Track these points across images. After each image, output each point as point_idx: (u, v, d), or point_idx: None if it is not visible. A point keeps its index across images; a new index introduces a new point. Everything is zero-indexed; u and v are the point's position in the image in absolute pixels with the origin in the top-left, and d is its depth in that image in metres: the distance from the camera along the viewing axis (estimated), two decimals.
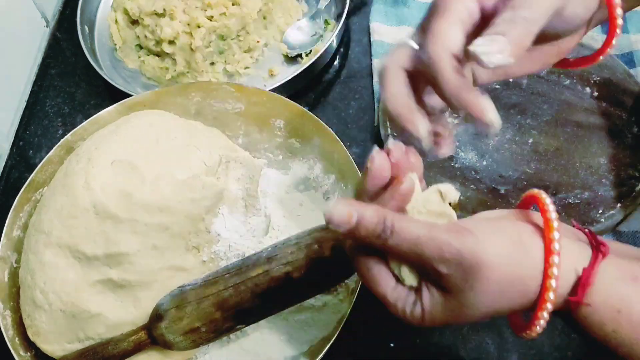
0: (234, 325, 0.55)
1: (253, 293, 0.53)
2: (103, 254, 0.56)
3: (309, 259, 0.53)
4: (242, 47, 0.81)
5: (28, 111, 0.83)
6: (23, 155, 0.79)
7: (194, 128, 0.67)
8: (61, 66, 0.87)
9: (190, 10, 0.77)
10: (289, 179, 0.69)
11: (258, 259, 0.54)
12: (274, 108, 0.69)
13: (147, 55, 0.82)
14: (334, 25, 0.84)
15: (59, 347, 0.58)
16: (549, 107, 0.74)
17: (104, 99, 0.82)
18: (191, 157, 0.63)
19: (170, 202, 0.58)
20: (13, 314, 0.59)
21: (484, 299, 0.37)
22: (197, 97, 0.70)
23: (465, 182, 0.68)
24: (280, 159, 0.71)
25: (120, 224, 0.57)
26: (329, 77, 0.83)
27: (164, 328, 0.54)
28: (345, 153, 0.65)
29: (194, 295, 0.54)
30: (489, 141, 0.72)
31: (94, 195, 0.57)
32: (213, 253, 0.60)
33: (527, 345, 0.61)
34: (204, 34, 0.77)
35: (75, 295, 0.56)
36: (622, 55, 0.80)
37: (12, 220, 0.62)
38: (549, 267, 0.36)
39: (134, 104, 0.69)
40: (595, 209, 0.66)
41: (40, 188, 0.65)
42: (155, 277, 0.58)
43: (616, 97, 0.74)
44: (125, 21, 0.84)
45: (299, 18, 0.86)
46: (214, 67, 0.80)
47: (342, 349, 0.61)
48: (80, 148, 0.64)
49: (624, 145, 0.70)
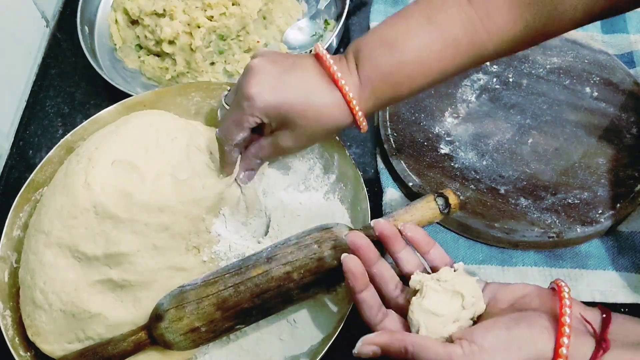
0: (233, 325, 0.55)
1: (253, 293, 0.53)
2: (103, 254, 0.56)
3: (308, 259, 0.53)
4: (242, 47, 0.81)
5: (28, 111, 0.83)
6: (23, 155, 0.79)
7: (194, 128, 0.67)
8: (61, 66, 0.87)
9: (190, 10, 0.77)
10: (289, 179, 0.69)
11: (258, 259, 0.54)
12: None
13: (147, 55, 0.82)
14: (334, 25, 0.84)
15: (59, 347, 0.58)
16: (549, 107, 0.74)
17: (104, 99, 0.82)
18: (191, 157, 0.63)
19: (170, 202, 0.58)
20: (13, 314, 0.59)
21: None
22: (197, 97, 0.70)
23: (465, 182, 0.69)
24: (280, 159, 0.71)
25: (120, 224, 0.57)
26: None
27: (163, 328, 0.54)
28: (345, 153, 0.65)
29: (194, 295, 0.54)
30: (489, 141, 0.72)
31: (94, 195, 0.57)
32: (213, 253, 0.61)
33: None
34: (204, 34, 0.77)
35: (75, 295, 0.56)
36: (622, 55, 0.80)
37: (12, 220, 0.62)
38: (559, 347, 0.42)
39: (134, 104, 0.69)
40: (595, 209, 0.66)
41: (40, 188, 0.65)
42: (155, 277, 0.58)
43: (616, 97, 0.74)
44: (125, 21, 0.84)
45: (299, 18, 0.86)
46: (214, 67, 0.80)
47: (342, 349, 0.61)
48: (80, 148, 0.64)
49: (623, 145, 0.70)
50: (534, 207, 0.66)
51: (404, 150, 0.71)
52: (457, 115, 0.74)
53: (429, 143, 0.72)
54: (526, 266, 0.65)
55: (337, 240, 0.53)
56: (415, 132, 0.73)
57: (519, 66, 0.78)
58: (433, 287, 0.47)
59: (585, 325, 0.44)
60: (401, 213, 0.55)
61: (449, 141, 0.72)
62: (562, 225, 0.65)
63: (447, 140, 0.72)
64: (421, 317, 0.46)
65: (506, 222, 0.65)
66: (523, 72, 0.77)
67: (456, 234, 0.68)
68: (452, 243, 0.67)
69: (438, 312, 0.46)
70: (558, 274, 0.64)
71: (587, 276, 0.64)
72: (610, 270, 0.64)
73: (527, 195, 0.67)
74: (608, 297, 0.62)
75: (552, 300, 0.46)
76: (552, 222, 0.65)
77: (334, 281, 0.56)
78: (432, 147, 0.72)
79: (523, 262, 0.65)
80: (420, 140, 0.72)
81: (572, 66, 0.77)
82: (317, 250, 0.53)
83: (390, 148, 0.72)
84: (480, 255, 0.66)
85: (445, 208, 0.55)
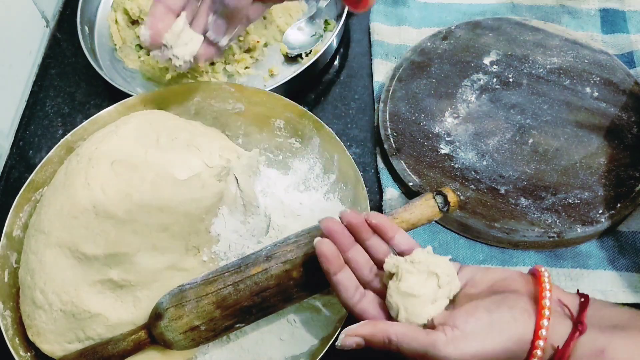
0: (233, 323, 0.55)
1: (252, 291, 0.53)
2: (103, 254, 0.56)
3: (308, 257, 0.53)
4: (242, 47, 0.81)
5: (28, 111, 0.83)
6: (23, 155, 0.79)
7: (194, 128, 0.67)
8: (61, 66, 0.87)
9: None
10: (289, 179, 0.69)
11: (257, 258, 0.54)
12: (274, 108, 0.69)
13: (147, 55, 0.82)
14: (334, 25, 0.84)
15: (59, 347, 0.58)
16: (549, 107, 0.74)
17: (104, 99, 0.82)
18: (191, 157, 0.63)
19: (170, 202, 0.58)
20: (13, 314, 0.59)
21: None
22: (197, 97, 0.70)
23: (465, 182, 0.68)
24: (280, 159, 0.71)
25: (121, 224, 0.57)
26: (329, 77, 0.83)
27: (163, 327, 0.54)
28: (345, 153, 0.65)
29: (193, 293, 0.54)
30: (489, 141, 0.72)
31: (94, 195, 0.57)
32: (213, 253, 0.61)
33: None
34: None
35: (75, 295, 0.56)
36: (622, 55, 0.80)
37: (12, 220, 0.62)
38: (539, 329, 0.43)
39: (134, 104, 0.69)
40: (595, 209, 0.66)
41: (40, 188, 0.65)
42: (155, 277, 0.58)
43: (616, 97, 0.74)
44: (125, 21, 0.84)
45: (299, 18, 0.86)
46: (214, 67, 0.80)
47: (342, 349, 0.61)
48: (80, 148, 0.64)
49: (623, 145, 0.70)
50: (534, 207, 0.66)
51: (404, 150, 0.71)
52: (457, 115, 0.74)
53: (429, 143, 0.72)
54: (526, 266, 0.65)
55: None
56: (415, 132, 0.73)
57: (519, 66, 0.78)
58: (408, 269, 0.47)
59: (563, 308, 0.45)
60: (400, 211, 0.55)
61: (449, 141, 0.72)
62: (563, 225, 0.65)
63: (447, 140, 0.72)
64: (399, 300, 0.47)
65: (506, 222, 0.65)
66: (523, 72, 0.77)
67: (456, 234, 0.68)
68: (453, 243, 0.67)
69: (415, 294, 0.46)
70: (558, 274, 0.64)
71: (587, 276, 0.64)
72: (611, 270, 0.64)
73: (528, 195, 0.67)
74: (609, 296, 0.62)
75: (532, 284, 0.47)
76: (552, 222, 0.65)
77: None
78: (432, 147, 0.72)
79: (523, 262, 0.65)
80: (420, 140, 0.72)
81: (572, 66, 0.77)
82: None
83: (390, 148, 0.72)
84: (481, 255, 0.66)
85: (445, 206, 0.55)
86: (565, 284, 0.63)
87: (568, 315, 0.45)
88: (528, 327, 0.44)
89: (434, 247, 0.65)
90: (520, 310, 0.44)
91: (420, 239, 0.66)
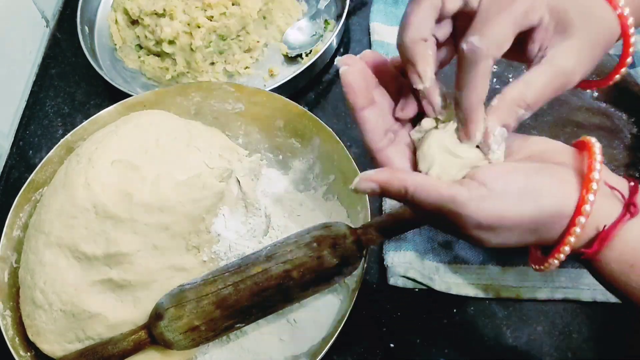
0: (233, 323, 0.55)
1: (252, 291, 0.53)
2: (103, 254, 0.56)
3: (308, 257, 0.53)
4: (242, 47, 0.81)
5: (28, 111, 0.83)
6: (23, 155, 0.79)
7: (194, 128, 0.67)
8: (61, 66, 0.87)
9: (190, 10, 0.77)
10: (289, 179, 0.69)
11: (257, 258, 0.54)
12: (274, 108, 0.69)
13: (147, 55, 0.82)
14: (334, 25, 0.84)
15: (59, 347, 0.58)
16: (549, 107, 0.74)
17: (104, 99, 0.82)
18: (191, 157, 0.63)
19: (170, 202, 0.58)
20: (13, 314, 0.59)
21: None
22: (197, 97, 0.70)
23: None
24: (280, 159, 0.71)
25: (121, 224, 0.57)
26: (329, 77, 0.83)
27: (163, 327, 0.54)
28: (345, 153, 0.65)
29: (193, 293, 0.54)
30: None
31: (94, 195, 0.57)
32: (213, 253, 0.61)
33: (527, 345, 0.61)
34: (204, 34, 0.77)
35: (75, 295, 0.56)
36: None
37: (12, 220, 0.62)
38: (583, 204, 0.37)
39: (134, 104, 0.69)
40: None
41: (40, 188, 0.65)
42: (155, 277, 0.58)
43: (616, 97, 0.74)
44: (125, 21, 0.84)
45: (299, 18, 0.86)
46: (214, 67, 0.80)
47: (342, 349, 0.61)
48: (80, 148, 0.64)
49: (623, 145, 0.70)
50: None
51: None
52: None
53: None
54: (527, 266, 0.65)
55: (337, 238, 0.53)
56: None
57: (519, 66, 0.77)
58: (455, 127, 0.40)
59: (611, 189, 0.39)
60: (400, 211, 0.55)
61: None
62: None
63: None
64: (437, 154, 0.40)
65: None
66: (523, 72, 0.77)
67: None
68: (453, 243, 0.67)
69: (459, 153, 0.40)
70: (559, 274, 0.64)
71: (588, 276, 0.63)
72: None
73: None
74: (610, 297, 0.62)
75: (578, 158, 0.41)
76: None
77: (334, 280, 0.56)
78: None
79: (524, 262, 0.65)
80: None
81: None
82: (317, 248, 0.53)
83: None
84: (481, 256, 0.66)
85: None
86: (565, 283, 0.63)
87: (617, 197, 0.39)
88: (570, 199, 0.37)
89: (434, 247, 0.66)
90: (563, 181, 0.38)
91: (420, 239, 0.66)
